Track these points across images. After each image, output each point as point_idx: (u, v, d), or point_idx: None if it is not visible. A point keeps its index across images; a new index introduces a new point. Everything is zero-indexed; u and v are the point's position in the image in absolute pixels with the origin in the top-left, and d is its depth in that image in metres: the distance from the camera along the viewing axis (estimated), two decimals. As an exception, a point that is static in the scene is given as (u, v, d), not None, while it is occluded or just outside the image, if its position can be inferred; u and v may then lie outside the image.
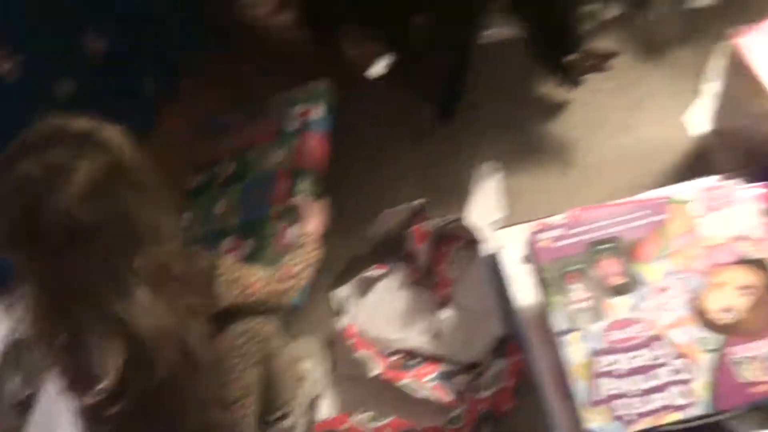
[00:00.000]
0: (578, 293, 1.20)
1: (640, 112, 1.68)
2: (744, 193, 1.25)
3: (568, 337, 1.17)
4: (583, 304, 1.19)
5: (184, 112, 1.77)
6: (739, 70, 1.33)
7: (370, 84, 1.78)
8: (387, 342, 1.52)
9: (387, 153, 1.73)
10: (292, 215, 1.50)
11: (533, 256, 1.24)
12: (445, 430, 1.39)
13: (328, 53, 1.79)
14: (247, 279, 1.27)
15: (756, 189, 1.29)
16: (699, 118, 1.60)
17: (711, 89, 1.58)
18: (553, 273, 1.21)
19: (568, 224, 1.24)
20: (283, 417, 1.43)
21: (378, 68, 1.54)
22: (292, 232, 1.49)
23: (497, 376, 1.43)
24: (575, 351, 1.17)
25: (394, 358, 1.50)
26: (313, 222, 1.45)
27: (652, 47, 1.72)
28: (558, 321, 1.18)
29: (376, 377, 1.46)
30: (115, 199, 1.05)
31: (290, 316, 1.50)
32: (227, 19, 1.92)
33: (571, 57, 1.53)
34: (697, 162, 1.54)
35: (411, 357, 1.50)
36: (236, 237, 1.59)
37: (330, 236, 1.60)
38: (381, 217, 1.58)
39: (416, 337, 1.52)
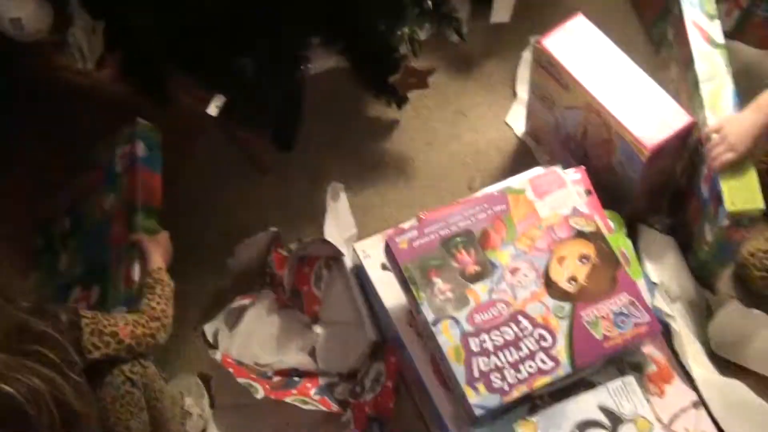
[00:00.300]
0: (441, 285, 1.31)
1: (465, 121, 1.83)
2: (566, 177, 1.41)
3: (440, 326, 1.28)
4: (448, 294, 1.30)
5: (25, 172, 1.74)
6: (546, 69, 1.50)
7: (211, 125, 1.82)
8: (265, 366, 1.56)
9: (236, 188, 1.77)
10: (133, 253, 1.50)
11: (394, 259, 1.33)
12: (335, 437, 1.45)
13: (159, 102, 1.82)
14: (114, 326, 1.27)
15: (574, 174, 1.46)
16: (518, 119, 1.77)
17: (523, 93, 1.76)
18: (415, 271, 1.31)
19: (420, 226, 1.35)
20: (173, 456, 1.43)
21: (212, 109, 1.58)
22: (136, 270, 1.49)
23: (376, 379, 1.51)
24: (447, 337, 1.27)
25: (276, 379, 1.54)
26: (155, 257, 1.46)
27: (465, 63, 1.88)
28: (428, 313, 1.28)
29: (261, 404, 1.49)
30: None
31: (163, 356, 1.51)
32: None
33: (394, 77, 1.64)
34: (524, 157, 1.71)
35: (291, 376, 1.55)
36: (81, 287, 1.58)
37: (191, 272, 1.64)
38: (238, 249, 1.63)
39: (293, 357, 1.57)
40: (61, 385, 1.12)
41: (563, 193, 1.38)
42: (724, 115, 1.38)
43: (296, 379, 1.55)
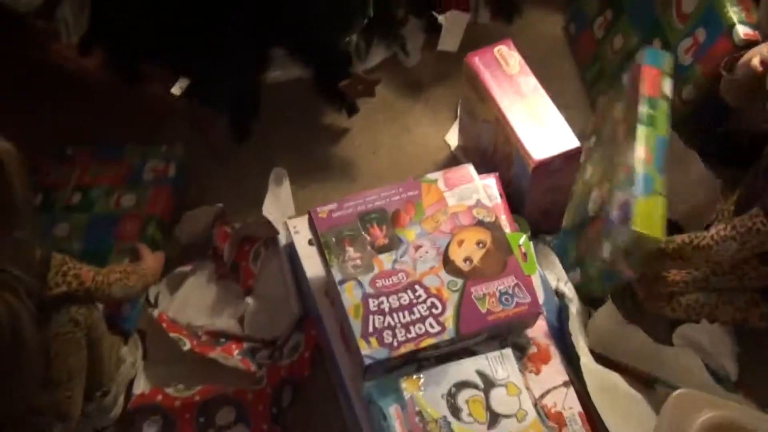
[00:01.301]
0: (352, 253, 1.47)
1: (409, 136, 2.02)
2: (477, 176, 1.59)
3: (345, 286, 1.44)
4: (357, 261, 1.46)
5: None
6: (471, 82, 1.70)
7: (176, 111, 2.01)
8: (197, 327, 1.71)
9: (192, 170, 1.94)
10: (133, 254, 1.69)
11: (314, 226, 1.50)
12: (249, 390, 1.59)
13: (131, 84, 2.02)
14: (79, 270, 1.40)
15: (488, 179, 1.64)
16: (455, 137, 1.97)
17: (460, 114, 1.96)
18: (330, 238, 1.48)
19: (341, 201, 1.52)
20: (105, 394, 1.58)
21: (176, 89, 1.77)
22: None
23: (295, 348, 1.66)
24: (350, 296, 1.43)
25: (204, 338, 1.69)
26: (146, 261, 1.64)
27: (415, 86, 2.09)
28: (336, 274, 1.44)
29: (188, 356, 1.65)
30: None
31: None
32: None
33: (344, 82, 1.84)
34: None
35: (218, 338, 1.70)
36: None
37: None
38: (184, 219, 1.80)
39: (224, 321, 1.72)
40: (17, 310, 1.25)
41: (471, 187, 1.56)
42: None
43: (222, 340, 1.71)
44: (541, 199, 1.69)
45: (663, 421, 1.21)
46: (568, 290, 1.61)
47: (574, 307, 1.59)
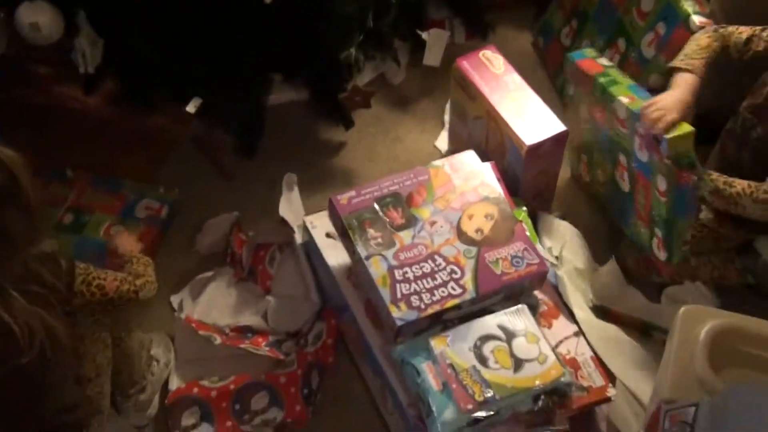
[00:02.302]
0: (373, 233, 1.61)
1: (401, 144, 2.18)
2: (480, 162, 1.75)
3: (371, 261, 1.57)
4: (379, 239, 1.60)
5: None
6: (460, 84, 1.88)
7: (185, 140, 2.14)
8: (223, 326, 1.81)
9: (203, 191, 2.07)
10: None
11: (336, 212, 1.63)
12: (281, 374, 1.69)
13: (141, 123, 2.15)
14: (102, 280, 1.48)
15: (485, 164, 1.80)
16: (444, 142, 2.13)
17: (448, 122, 2.13)
18: (353, 221, 1.62)
19: (359, 188, 1.67)
20: (139, 392, 1.66)
21: (190, 107, 1.90)
22: None
23: (318, 335, 1.77)
24: (377, 269, 1.56)
25: (232, 334, 1.79)
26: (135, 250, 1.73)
27: (403, 100, 2.26)
28: (362, 251, 1.58)
29: (218, 353, 1.74)
30: (3, 210, 1.26)
31: (135, 320, 1.75)
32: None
33: (343, 94, 2.00)
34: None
35: (245, 333, 1.80)
36: None
37: (162, 254, 1.92)
38: (205, 228, 1.92)
39: (248, 318, 1.82)
40: (53, 322, 1.33)
41: (474, 170, 1.72)
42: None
43: (249, 335, 1.81)
44: (533, 181, 1.85)
45: (674, 333, 1.35)
46: (561, 255, 1.76)
47: (563, 270, 1.73)
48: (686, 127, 1.58)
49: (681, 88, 1.65)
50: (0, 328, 1.27)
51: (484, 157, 1.82)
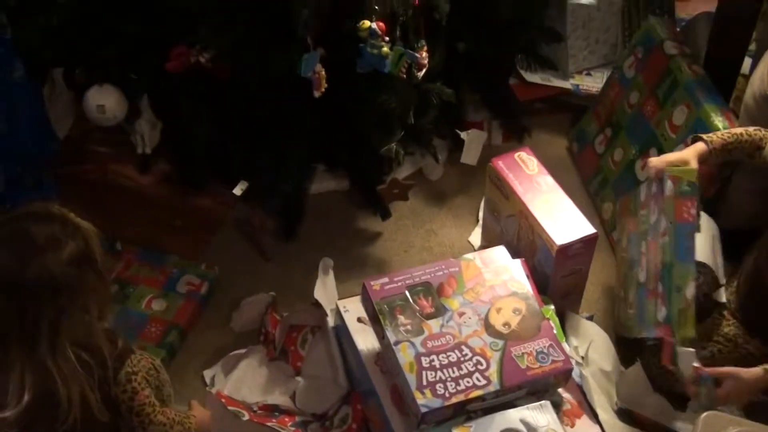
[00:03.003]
0: (403, 320, 1.67)
1: (435, 237, 2.26)
2: (509, 257, 1.81)
3: (399, 347, 1.62)
4: (408, 327, 1.66)
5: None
6: (495, 183, 1.96)
7: (227, 222, 2.24)
8: (252, 403, 1.86)
9: (242, 271, 2.15)
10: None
11: (368, 297, 1.70)
12: (304, 456, 1.73)
13: (189, 203, 2.26)
14: (140, 388, 1.45)
15: (515, 261, 1.86)
16: (477, 238, 2.20)
17: (482, 217, 2.20)
18: (384, 306, 1.68)
19: (391, 275, 1.73)
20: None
21: (237, 190, 2.00)
22: None
23: (344, 419, 1.81)
24: (405, 355, 1.61)
25: (260, 412, 1.84)
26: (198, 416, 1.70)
27: (440, 196, 2.35)
28: (391, 336, 1.63)
29: (246, 427, 1.78)
30: (83, 274, 1.36)
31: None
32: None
33: (381, 186, 2.10)
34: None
35: (273, 411, 1.84)
36: None
37: (197, 329, 1.99)
38: (242, 305, 1.99)
39: (276, 398, 1.87)
40: (90, 394, 1.39)
41: (504, 264, 1.78)
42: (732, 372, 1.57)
43: (277, 414, 1.85)
44: (562, 282, 1.90)
45: (694, 438, 1.37)
46: (587, 355, 1.79)
47: (588, 370, 1.76)
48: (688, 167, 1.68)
49: (688, 149, 1.73)
50: (47, 389, 1.34)
51: (515, 255, 1.88)
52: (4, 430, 1.36)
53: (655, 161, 1.74)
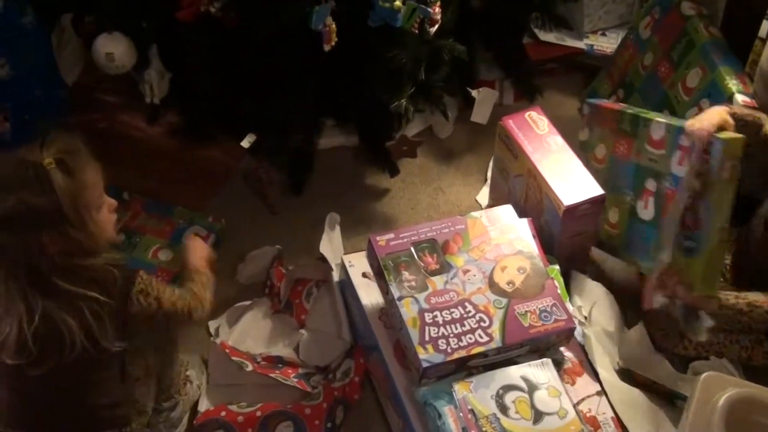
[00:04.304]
0: (407, 276, 1.67)
1: (443, 195, 2.25)
2: (516, 217, 1.81)
3: (403, 302, 1.62)
4: (412, 282, 1.66)
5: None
6: (504, 142, 1.94)
7: (234, 173, 2.24)
8: (255, 354, 1.87)
9: (249, 224, 2.15)
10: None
11: (374, 252, 1.70)
12: (307, 405, 1.74)
13: (197, 154, 2.26)
14: (161, 293, 1.49)
15: (522, 220, 1.85)
16: (485, 197, 2.20)
17: (490, 176, 2.19)
18: (389, 263, 1.68)
19: (397, 232, 1.73)
20: (171, 409, 1.72)
21: (245, 142, 2.00)
22: None
23: (346, 372, 1.82)
24: (408, 310, 1.61)
25: (263, 363, 1.85)
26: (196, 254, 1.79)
27: (449, 154, 2.34)
28: (395, 292, 1.63)
29: (248, 379, 1.80)
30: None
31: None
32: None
33: (390, 143, 2.09)
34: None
35: (276, 363, 1.86)
36: None
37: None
38: (248, 258, 2.00)
39: (280, 349, 1.88)
40: (92, 323, 1.41)
41: (510, 224, 1.77)
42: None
43: (280, 365, 1.86)
44: (568, 242, 1.89)
45: (693, 397, 1.38)
46: (590, 315, 1.80)
47: (591, 330, 1.77)
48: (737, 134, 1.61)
49: (719, 107, 1.69)
50: (49, 324, 1.36)
51: (522, 214, 1.87)
52: (12, 359, 1.39)
53: (702, 125, 1.65)
